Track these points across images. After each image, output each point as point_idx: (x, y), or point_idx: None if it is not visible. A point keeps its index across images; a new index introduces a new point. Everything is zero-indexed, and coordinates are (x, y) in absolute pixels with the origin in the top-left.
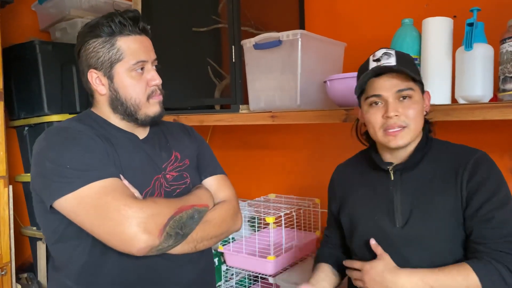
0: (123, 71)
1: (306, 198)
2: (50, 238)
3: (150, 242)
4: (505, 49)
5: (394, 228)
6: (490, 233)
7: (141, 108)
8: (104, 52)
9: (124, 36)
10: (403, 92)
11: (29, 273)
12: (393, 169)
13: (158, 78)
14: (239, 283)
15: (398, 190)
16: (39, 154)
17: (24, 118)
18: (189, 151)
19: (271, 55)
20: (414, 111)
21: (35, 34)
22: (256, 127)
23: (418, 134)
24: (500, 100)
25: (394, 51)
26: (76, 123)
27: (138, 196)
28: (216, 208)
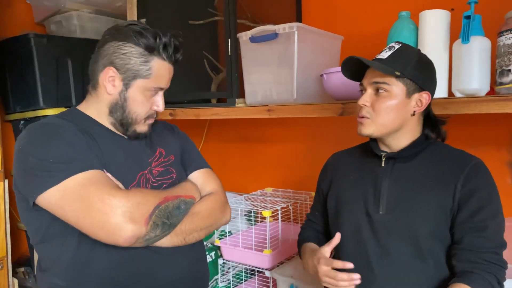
0: (141, 87)
1: (303, 191)
2: (34, 237)
3: (136, 231)
4: (502, 42)
5: (377, 214)
6: (482, 242)
7: (135, 125)
8: (136, 62)
9: (160, 59)
10: (378, 85)
11: (26, 267)
12: (386, 156)
13: (162, 106)
14: (236, 277)
15: (387, 177)
16: (21, 151)
17: (19, 112)
18: (173, 147)
19: (268, 48)
20: (382, 105)
21: (30, 27)
22: (252, 121)
23: (387, 128)
24: (497, 93)
25: (400, 46)
26: (57, 119)
27: (122, 187)
28: (204, 200)
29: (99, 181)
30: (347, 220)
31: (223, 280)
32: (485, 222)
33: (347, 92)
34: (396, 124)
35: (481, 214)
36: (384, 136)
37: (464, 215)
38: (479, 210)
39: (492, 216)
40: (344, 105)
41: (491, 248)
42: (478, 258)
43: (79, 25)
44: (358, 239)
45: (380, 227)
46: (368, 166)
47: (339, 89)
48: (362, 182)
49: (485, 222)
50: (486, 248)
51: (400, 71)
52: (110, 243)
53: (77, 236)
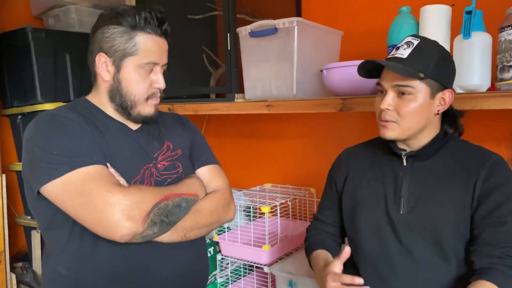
0: (132, 66)
1: (302, 187)
2: (41, 224)
3: (133, 229)
4: (504, 37)
5: (398, 214)
6: (501, 237)
7: (137, 106)
8: (121, 41)
9: (145, 33)
10: (401, 88)
11: (23, 262)
12: (406, 155)
13: (163, 83)
14: (234, 272)
15: (408, 177)
16: (28, 141)
17: (17, 106)
18: (182, 141)
19: (267, 43)
20: (407, 109)
21: (27, 21)
22: (251, 116)
23: (412, 131)
24: (498, 90)
25: (419, 41)
26: (65, 110)
27: (123, 184)
28: (208, 197)
29: (101, 177)
30: (365, 220)
31: (221, 276)
32: (505, 217)
33: (347, 88)
34: (421, 126)
35: (501, 209)
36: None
37: (483, 211)
38: (498, 206)
39: (511, 211)
40: (344, 100)
41: (511, 243)
42: (497, 253)
43: (77, 19)
44: (378, 239)
45: (401, 227)
46: (386, 164)
47: (338, 85)
48: (381, 181)
49: (505, 217)
50: (505, 242)
51: (423, 72)
52: (108, 239)
53: (80, 228)
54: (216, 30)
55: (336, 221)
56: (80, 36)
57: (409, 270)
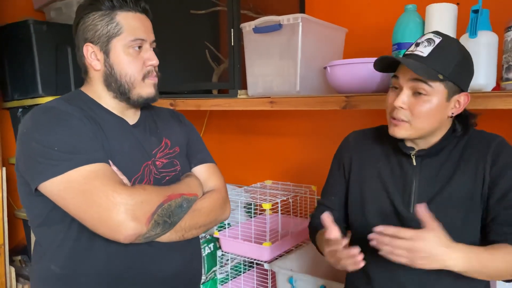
0: (120, 47)
1: (303, 185)
2: (34, 221)
3: (137, 230)
4: (510, 37)
5: (409, 213)
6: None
7: (135, 87)
8: (103, 25)
9: (124, 11)
10: (418, 86)
11: (22, 255)
12: (415, 155)
13: (155, 59)
14: (234, 269)
15: (418, 176)
16: (25, 135)
17: (18, 99)
18: (179, 138)
19: (271, 39)
20: (422, 110)
21: (29, 14)
22: (254, 113)
23: (424, 131)
24: (503, 89)
25: (441, 39)
26: (64, 103)
27: (126, 182)
28: (206, 197)
29: (105, 175)
30: (374, 215)
31: (221, 272)
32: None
33: (351, 85)
34: (433, 128)
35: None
36: None
37: (497, 196)
38: (510, 189)
39: None
40: (348, 98)
41: None
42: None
43: None
44: None
45: (412, 226)
46: (395, 160)
47: (342, 82)
48: (390, 177)
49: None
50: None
51: (443, 74)
52: (111, 239)
53: (77, 225)
54: (219, 25)
55: (341, 206)
56: None
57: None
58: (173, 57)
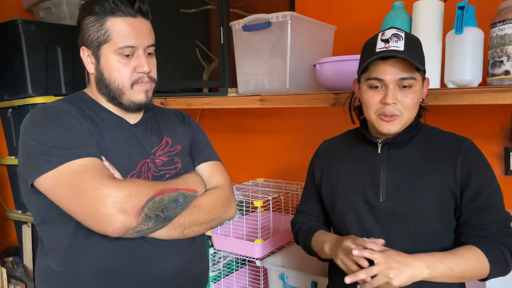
0: (110, 53)
1: (294, 182)
2: (35, 218)
3: (126, 223)
4: (495, 33)
5: (378, 202)
6: (490, 218)
7: (124, 93)
8: (94, 31)
9: (115, 17)
10: (405, 81)
11: (14, 257)
12: (381, 143)
13: (146, 66)
14: (227, 266)
15: (385, 164)
16: (23, 133)
17: (7, 100)
18: (182, 137)
19: (260, 37)
20: (411, 101)
21: (18, 14)
22: (245, 111)
23: (409, 122)
24: (489, 85)
25: (404, 34)
26: (63, 103)
27: (118, 177)
28: (207, 193)
29: (94, 169)
30: (347, 210)
31: (213, 270)
32: (489, 200)
33: (340, 82)
34: (414, 116)
35: (484, 192)
36: None
37: (468, 196)
38: (480, 190)
39: (493, 193)
40: (337, 95)
41: (500, 223)
42: (487, 232)
43: (68, 11)
44: (361, 228)
45: (383, 215)
46: (362, 153)
47: (331, 79)
48: (357, 170)
49: (489, 200)
50: (494, 222)
51: (420, 64)
52: (100, 233)
53: (74, 222)
54: (209, 24)
55: (319, 213)
56: (71, 29)
57: None
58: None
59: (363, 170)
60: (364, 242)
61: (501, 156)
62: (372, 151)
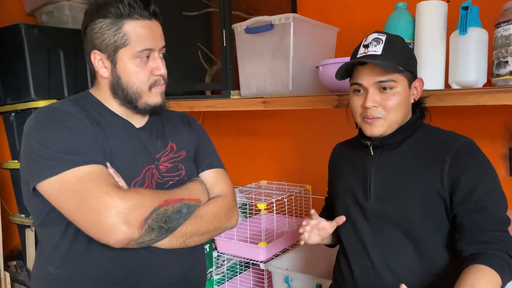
0: (128, 57)
1: (298, 184)
2: (35, 220)
3: (129, 234)
4: (500, 33)
5: (367, 203)
6: (484, 222)
7: (142, 97)
8: (110, 35)
9: (132, 19)
10: (384, 84)
11: (18, 260)
12: (373, 145)
13: (163, 68)
14: (230, 269)
15: (374, 166)
16: (26, 134)
17: (10, 103)
18: (187, 142)
19: (263, 39)
20: (393, 103)
21: (20, 18)
22: (247, 113)
23: (397, 123)
24: (494, 85)
25: (386, 37)
26: (68, 104)
27: (123, 185)
28: (210, 203)
29: (99, 177)
30: (341, 211)
31: (217, 273)
32: (483, 201)
33: (343, 84)
34: (403, 117)
35: (476, 193)
36: None
37: (459, 197)
38: (472, 190)
39: (488, 193)
40: (340, 97)
41: (495, 226)
42: (484, 238)
43: (70, 15)
44: (354, 228)
45: (372, 216)
46: (358, 156)
47: (334, 81)
48: (352, 173)
49: (483, 201)
50: (490, 226)
51: (400, 65)
52: (102, 242)
53: (74, 227)
54: (211, 27)
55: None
56: (73, 33)
57: (382, 258)
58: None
59: (357, 172)
60: None
61: (505, 157)
62: (366, 153)
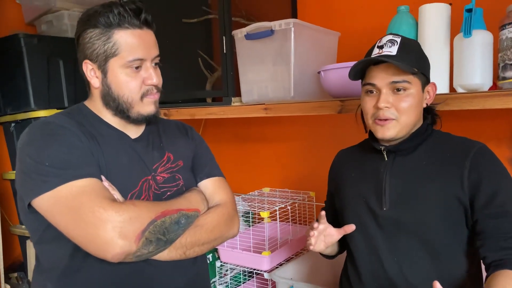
0: (118, 67)
1: (301, 191)
2: (33, 237)
3: (126, 248)
4: (505, 35)
5: (382, 210)
6: (507, 227)
7: (133, 107)
8: (100, 44)
9: (122, 29)
10: (398, 84)
11: (19, 272)
12: (386, 150)
13: (156, 77)
14: (234, 279)
15: (388, 172)
16: (20, 150)
17: (10, 114)
18: (184, 152)
19: (263, 45)
20: (406, 104)
21: (20, 28)
22: (249, 120)
23: (409, 127)
24: (500, 88)
25: (400, 39)
26: (62, 118)
27: (118, 198)
28: (209, 212)
29: (93, 191)
30: (352, 218)
31: (221, 283)
32: (505, 206)
33: (345, 89)
34: (415, 121)
35: (498, 198)
36: None
37: (481, 203)
38: (494, 195)
39: (509, 198)
40: (343, 102)
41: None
42: (508, 244)
43: (70, 24)
44: (365, 235)
45: (386, 223)
46: (370, 161)
47: (337, 86)
48: (363, 179)
49: (505, 206)
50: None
51: (415, 67)
52: (99, 257)
53: (72, 244)
54: (211, 33)
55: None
56: (73, 42)
57: (396, 266)
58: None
59: (368, 178)
60: None
61: (510, 161)
62: (378, 159)
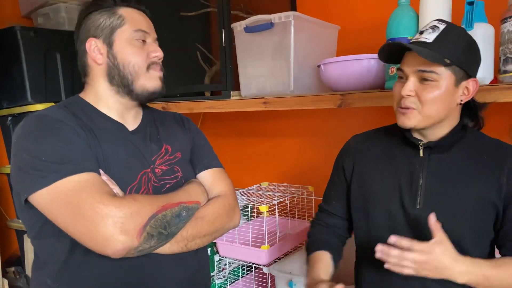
0: (124, 38)
1: (300, 186)
2: (30, 233)
3: (127, 244)
4: (506, 28)
5: (415, 208)
6: None
7: (139, 77)
8: (105, 19)
9: (126, 7)
10: (425, 74)
11: (16, 266)
12: (424, 146)
13: (160, 51)
14: (233, 273)
15: (425, 170)
16: (15, 144)
17: (7, 107)
18: (182, 144)
19: (263, 38)
20: (430, 95)
21: (16, 20)
22: (248, 114)
23: (433, 119)
24: (501, 82)
25: (445, 26)
26: (57, 111)
27: (118, 192)
28: (210, 203)
29: (92, 186)
30: (380, 214)
31: (219, 277)
32: None
33: (345, 83)
34: (442, 115)
35: None
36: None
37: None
38: None
39: None
40: (343, 96)
41: None
42: None
43: (67, 17)
44: (394, 233)
45: (418, 222)
46: (400, 155)
47: (336, 80)
48: (395, 173)
49: None
50: None
51: (449, 59)
52: (99, 253)
53: (70, 239)
54: (210, 27)
55: (343, 213)
56: (70, 35)
57: None
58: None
59: (402, 173)
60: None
61: None
62: (411, 153)
